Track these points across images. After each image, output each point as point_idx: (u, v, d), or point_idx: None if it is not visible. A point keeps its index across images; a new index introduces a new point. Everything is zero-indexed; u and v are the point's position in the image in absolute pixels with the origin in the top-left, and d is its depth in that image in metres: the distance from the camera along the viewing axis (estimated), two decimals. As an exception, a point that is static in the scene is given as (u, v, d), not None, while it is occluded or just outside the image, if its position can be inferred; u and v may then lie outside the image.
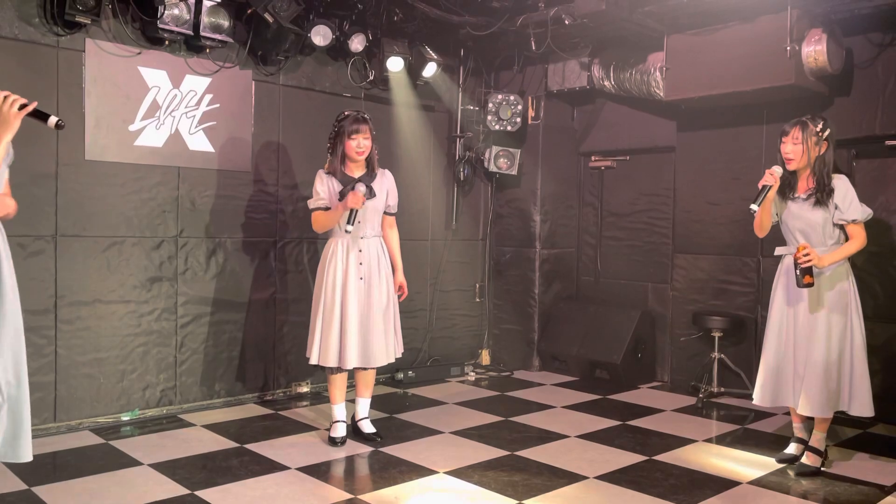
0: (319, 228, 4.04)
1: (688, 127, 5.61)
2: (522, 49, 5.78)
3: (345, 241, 4.01)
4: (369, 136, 3.99)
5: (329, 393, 4.22)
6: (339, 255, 4.01)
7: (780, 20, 4.53)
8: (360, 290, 3.99)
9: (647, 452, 4.03)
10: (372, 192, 4.00)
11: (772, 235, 4.05)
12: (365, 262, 4.02)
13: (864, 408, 3.65)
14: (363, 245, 4.04)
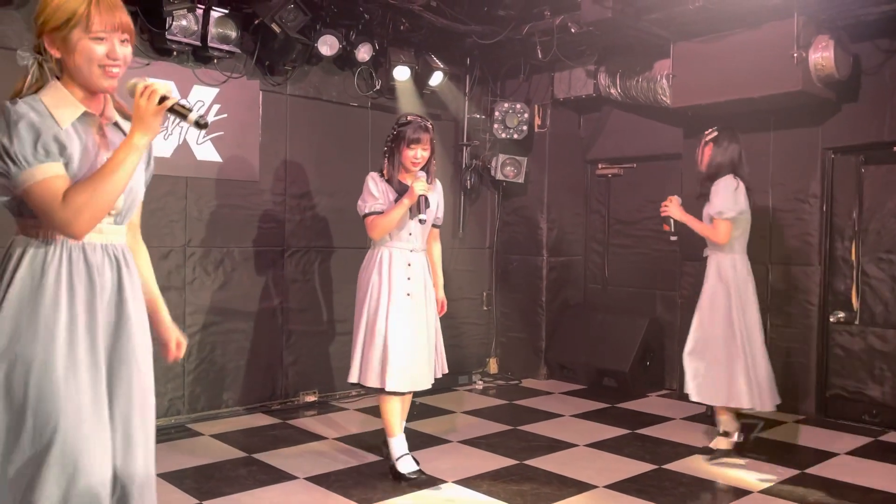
0: (379, 233, 3.66)
1: (695, 134, 5.58)
2: (529, 57, 5.79)
3: (392, 252, 3.70)
4: (429, 146, 3.70)
5: (386, 422, 3.74)
6: (385, 267, 3.68)
7: (786, 27, 4.52)
8: (404, 307, 3.65)
9: (656, 461, 4.01)
10: (427, 203, 3.66)
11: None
12: (413, 276, 3.69)
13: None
14: (413, 259, 3.72)
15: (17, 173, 1.74)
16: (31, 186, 1.74)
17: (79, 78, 1.83)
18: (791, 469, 3.90)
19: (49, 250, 1.80)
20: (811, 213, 5.03)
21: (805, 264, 5.04)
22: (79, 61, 1.81)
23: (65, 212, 1.74)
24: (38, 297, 1.77)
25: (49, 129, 1.77)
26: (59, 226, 1.77)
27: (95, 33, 1.80)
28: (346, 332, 5.45)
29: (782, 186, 5.15)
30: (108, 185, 1.78)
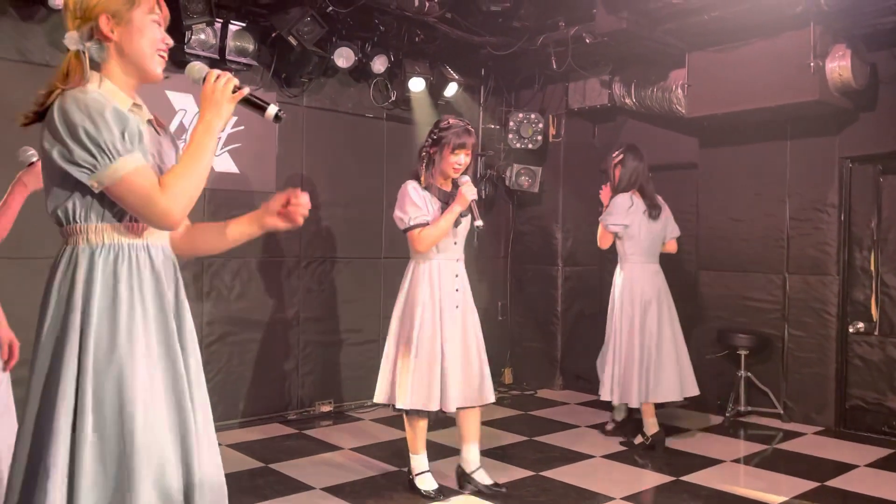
0: (428, 245, 3.45)
1: (710, 143, 5.58)
2: (543, 68, 5.81)
3: (441, 264, 3.50)
4: (471, 151, 3.52)
5: (410, 441, 3.63)
6: (436, 281, 3.48)
7: (802, 36, 4.51)
8: (455, 320, 3.49)
9: (673, 473, 3.98)
10: (470, 208, 3.53)
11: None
12: (461, 288, 3.55)
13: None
14: (459, 269, 3.57)
15: (105, 165, 1.64)
16: (124, 177, 1.65)
17: (135, 62, 1.78)
18: (810, 481, 3.86)
19: (118, 255, 1.74)
20: (829, 223, 5.00)
21: (823, 274, 5.01)
22: (141, 43, 1.77)
23: (167, 200, 1.69)
24: (116, 304, 1.71)
25: (130, 117, 1.71)
26: (158, 215, 1.70)
27: (156, 16, 1.80)
28: (362, 341, 5.49)
29: (799, 196, 5.13)
30: (201, 169, 1.75)
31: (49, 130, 1.68)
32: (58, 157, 1.66)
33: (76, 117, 1.64)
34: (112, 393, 1.68)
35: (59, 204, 1.73)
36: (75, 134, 1.64)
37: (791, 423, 5.02)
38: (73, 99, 1.67)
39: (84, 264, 1.71)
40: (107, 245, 1.73)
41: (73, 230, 1.74)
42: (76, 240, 1.73)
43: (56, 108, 1.67)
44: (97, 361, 1.68)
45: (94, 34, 1.75)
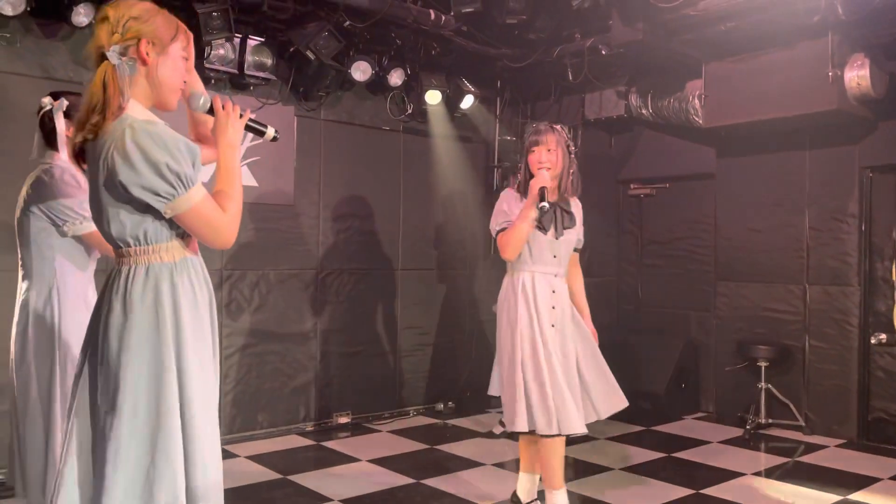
0: (510, 250, 3.21)
1: (728, 153, 5.56)
2: (559, 79, 5.81)
3: (535, 277, 3.24)
4: (556, 147, 3.23)
5: (522, 459, 3.46)
6: (530, 294, 3.22)
7: (820, 46, 4.49)
8: (553, 339, 3.21)
9: (694, 486, 3.95)
10: (572, 220, 3.30)
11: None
12: (558, 305, 3.26)
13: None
14: (557, 285, 3.27)
15: (181, 194, 1.78)
16: (196, 205, 1.81)
17: (158, 91, 1.89)
18: (833, 494, 3.82)
19: (190, 269, 1.89)
20: (849, 233, 4.96)
21: (844, 285, 4.96)
22: (169, 75, 1.89)
23: (230, 222, 1.88)
24: (199, 312, 1.88)
25: (196, 148, 1.86)
26: (224, 237, 1.89)
27: (184, 54, 1.92)
28: (379, 353, 5.51)
29: (819, 206, 5.09)
30: (239, 188, 1.94)
31: (124, 162, 1.75)
32: (136, 189, 1.77)
33: (157, 154, 1.76)
34: (199, 395, 1.85)
35: (130, 227, 1.83)
36: (158, 169, 1.76)
37: (813, 436, 4.97)
38: (146, 133, 1.77)
39: (166, 280, 1.85)
40: (178, 262, 1.88)
41: (144, 250, 1.85)
42: (149, 259, 1.85)
43: (131, 142, 1.75)
44: (194, 366, 1.85)
45: (128, 53, 1.84)
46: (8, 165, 4.00)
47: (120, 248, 1.87)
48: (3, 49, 3.97)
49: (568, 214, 3.28)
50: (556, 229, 3.25)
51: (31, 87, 4.05)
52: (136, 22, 1.83)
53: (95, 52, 1.87)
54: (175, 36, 1.89)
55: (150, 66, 1.86)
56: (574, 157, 3.32)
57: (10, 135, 4.00)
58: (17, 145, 4.01)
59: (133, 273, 1.84)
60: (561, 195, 3.29)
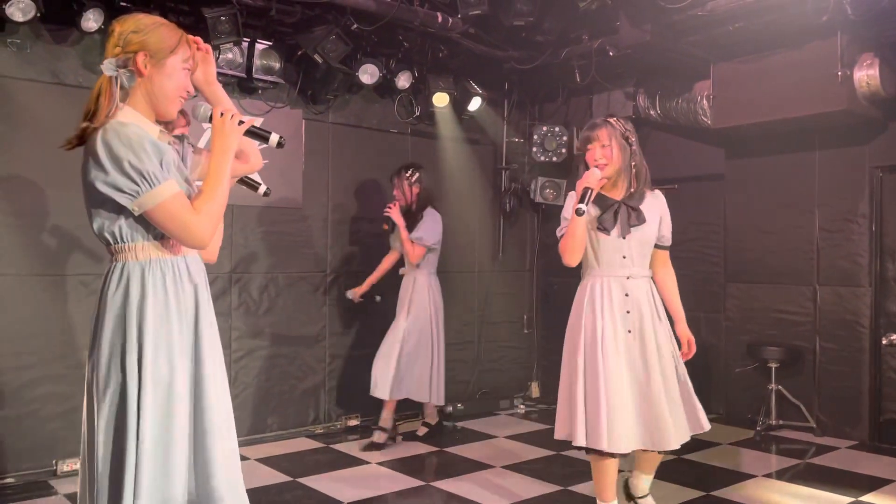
0: (568, 256, 3.06)
1: (737, 154, 5.54)
2: (567, 81, 5.81)
3: (605, 281, 3.05)
4: (609, 142, 3.03)
5: (595, 484, 3.15)
6: (599, 300, 3.04)
7: (829, 46, 4.47)
8: (629, 346, 3.00)
9: (704, 488, 3.93)
10: (640, 217, 3.05)
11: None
12: (634, 308, 3.03)
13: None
14: (630, 287, 3.05)
15: (146, 191, 1.83)
16: (163, 203, 1.84)
17: (156, 101, 1.95)
18: (844, 496, 3.79)
19: (164, 270, 1.92)
20: (860, 234, 4.93)
21: (855, 286, 4.93)
22: (167, 86, 1.95)
23: (201, 221, 1.90)
24: (168, 316, 1.90)
25: (166, 148, 1.91)
26: (194, 235, 1.91)
27: (186, 65, 1.98)
28: (388, 356, 5.49)
29: (829, 207, 5.06)
30: (222, 192, 1.97)
31: (94, 161, 1.84)
32: (102, 185, 1.83)
33: (120, 151, 1.81)
34: (163, 401, 1.87)
35: (107, 226, 1.90)
36: (120, 165, 1.81)
37: (824, 437, 4.94)
38: (114, 133, 1.83)
39: (136, 279, 1.89)
40: (153, 261, 1.91)
41: (121, 248, 1.91)
42: (125, 256, 1.91)
43: (100, 141, 1.83)
44: (154, 372, 1.86)
45: (128, 65, 1.91)
46: (20, 169, 4.03)
47: (107, 246, 1.95)
48: (13, 55, 4.00)
49: (635, 211, 3.02)
50: (620, 228, 3.02)
51: (41, 93, 4.09)
52: (136, 35, 1.91)
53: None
54: (175, 48, 1.94)
55: (147, 78, 1.92)
56: (635, 147, 3.08)
57: (21, 140, 4.03)
58: (29, 150, 4.05)
59: (111, 270, 1.92)
60: (627, 191, 3.07)
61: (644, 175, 3.09)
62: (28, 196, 4.06)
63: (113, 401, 1.85)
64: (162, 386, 1.87)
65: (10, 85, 3.99)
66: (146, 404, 1.83)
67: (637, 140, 3.12)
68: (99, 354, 1.88)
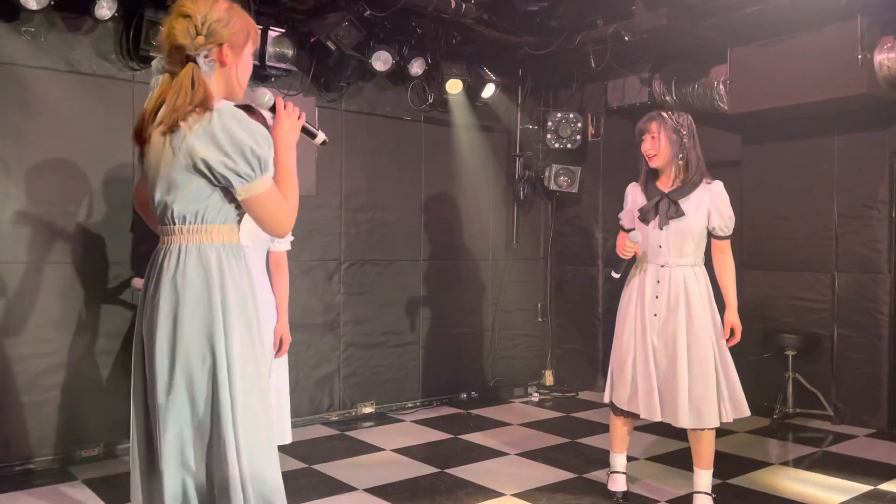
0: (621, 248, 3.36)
1: (754, 140, 5.48)
2: (581, 67, 5.76)
3: (643, 269, 3.34)
4: (657, 133, 3.22)
5: (609, 436, 3.61)
6: (634, 286, 3.36)
7: (849, 29, 4.40)
8: (653, 328, 3.27)
9: (720, 476, 3.90)
10: (678, 211, 3.22)
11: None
12: (663, 294, 3.25)
13: None
14: (663, 274, 3.26)
15: (257, 178, 1.87)
16: (268, 191, 1.90)
17: (230, 89, 1.97)
18: (863, 484, 3.76)
19: (237, 253, 1.96)
20: (879, 220, 4.86)
21: (874, 272, 4.87)
22: (243, 74, 1.98)
23: (291, 212, 1.98)
24: (244, 299, 1.94)
25: (270, 137, 1.94)
26: (285, 224, 1.98)
27: (254, 52, 2.03)
28: (402, 343, 5.51)
29: (848, 192, 5.00)
30: (297, 185, 2.02)
31: (214, 144, 1.84)
32: (220, 166, 1.84)
33: (243, 136, 1.85)
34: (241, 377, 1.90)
35: (191, 205, 1.89)
36: (242, 150, 1.85)
37: (842, 426, 4.90)
38: (235, 119, 1.87)
39: (214, 261, 1.91)
40: (227, 245, 1.94)
41: (197, 229, 1.91)
42: (200, 238, 1.91)
43: (217, 124, 1.85)
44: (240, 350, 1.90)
45: (211, 55, 1.92)
46: (34, 158, 4.05)
47: (173, 225, 1.91)
48: (28, 43, 4.01)
49: (675, 205, 3.20)
50: (658, 220, 3.23)
51: (55, 81, 4.10)
52: (219, 25, 1.90)
53: (171, 46, 1.90)
54: (248, 37, 1.97)
55: (228, 68, 1.94)
56: (686, 140, 3.24)
57: (35, 128, 4.04)
58: (42, 138, 4.07)
59: (183, 251, 1.90)
60: (674, 182, 3.26)
61: (694, 168, 3.24)
62: (44, 184, 4.08)
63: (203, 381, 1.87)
64: (252, 365, 1.91)
65: (24, 73, 4.01)
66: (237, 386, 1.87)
67: (691, 134, 3.27)
68: (179, 337, 1.87)
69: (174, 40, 1.89)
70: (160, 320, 1.88)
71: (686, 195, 3.22)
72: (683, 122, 3.27)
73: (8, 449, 3.93)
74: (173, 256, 1.90)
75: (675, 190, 3.25)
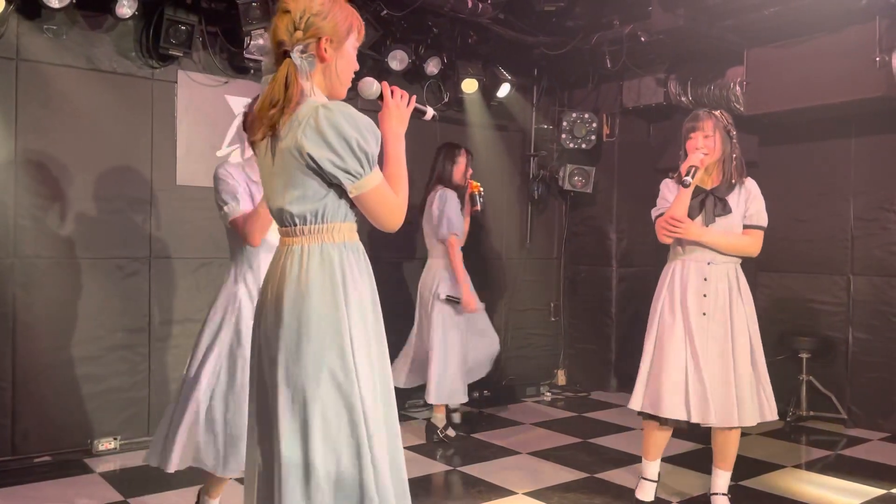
0: (661, 234, 3.28)
1: (770, 142, 5.46)
2: (597, 67, 5.76)
3: (685, 264, 3.24)
4: (711, 132, 3.18)
5: (643, 445, 3.40)
6: (678, 282, 3.23)
7: (867, 30, 4.37)
8: (701, 327, 3.15)
9: (733, 477, 3.87)
10: (725, 208, 3.22)
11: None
12: (711, 292, 3.17)
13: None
14: (710, 272, 3.20)
15: (367, 173, 1.82)
16: (379, 186, 1.85)
17: (333, 85, 1.92)
18: (876, 488, 3.75)
19: (358, 252, 1.94)
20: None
21: (890, 276, 4.84)
22: (345, 69, 1.92)
23: (402, 205, 1.91)
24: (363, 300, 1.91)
25: (379, 132, 1.88)
26: (397, 219, 1.91)
27: (358, 45, 1.95)
28: (405, 342, 5.52)
29: (865, 195, 4.97)
30: (406, 176, 1.95)
31: (321, 139, 1.78)
32: (328, 164, 1.79)
33: (350, 132, 1.78)
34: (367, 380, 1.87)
35: (309, 205, 1.85)
36: (350, 146, 1.79)
37: (855, 429, 4.88)
38: (342, 113, 1.79)
39: (337, 261, 1.87)
40: (347, 244, 1.90)
41: (318, 229, 1.87)
42: (322, 238, 1.87)
43: (324, 120, 1.78)
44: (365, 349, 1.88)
45: (310, 49, 1.86)
46: (56, 155, 4.11)
47: (294, 227, 1.88)
48: (49, 41, 4.06)
49: (721, 202, 3.20)
50: (704, 216, 3.20)
51: (76, 79, 4.15)
52: (317, 18, 1.84)
53: (275, 45, 1.88)
54: (350, 30, 1.90)
55: (329, 63, 1.88)
56: (736, 142, 3.25)
57: (57, 125, 4.10)
58: (63, 135, 4.12)
59: (306, 252, 1.86)
60: (723, 181, 3.24)
61: (741, 168, 3.26)
62: (64, 180, 4.13)
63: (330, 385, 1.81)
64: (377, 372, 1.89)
65: (46, 70, 4.06)
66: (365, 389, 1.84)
67: (736, 135, 3.26)
68: (304, 338, 1.81)
69: (276, 37, 1.85)
70: (284, 323, 1.83)
71: (729, 193, 3.23)
72: (731, 121, 3.28)
73: (27, 441, 4.00)
74: (295, 257, 1.86)
75: (719, 188, 3.24)
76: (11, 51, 3.96)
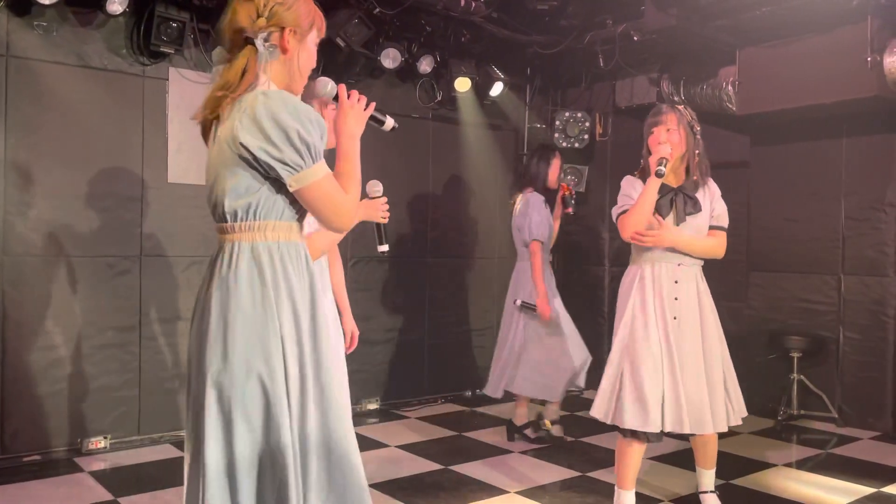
0: (626, 232, 3.05)
1: (762, 142, 5.47)
2: (590, 66, 5.76)
3: (655, 267, 3.08)
4: (675, 126, 3.05)
5: (617, 468, 3.17)
6: (649, 285, 3.07)
7: (859, 31, 4.39)
8: (674, 332, 3.02)
9: (724, 476, 3.91)
10: (696, 206, 3.10)
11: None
12: (682, 296, 3.05)
13: None
14: (680, 274, 3.07)
15: (308, 166, 1.73)
16: (322, 180, 1.76)
17: (292, 78, 1.87)
18: (866, 487, 3.76)
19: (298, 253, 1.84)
20: (887, 223, 4.85)
21: (881, 275, 4.86)
22: (305, 62, 1.89)
23: (349, 204, 1.82)
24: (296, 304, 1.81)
25: (324, 124, 1.80)
26: (343, 218, 1.83)
27: (318, 40, 1.92)
28: (407, 340, 5.53)
29: (856, 195, 4.99)
30: (360, 175, 1.90)
31: (256, 128, 1.71)
32: (263, 154, 1.71)
33: (288, 120, 1.71)
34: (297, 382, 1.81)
35: (245, 199, 1.77)
36: (288, 135, 1.71)
37: (846, 428, 4.90)
38: (281, 101, 1.73)
39: (267, 262, 1.78)
40: (282, 244, 1.81)
41: (249, 226, 1.78)
42: (253, 236, 1.79)
43: (261, 107, 1.72)
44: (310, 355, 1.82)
45: (272, 39, 1.82)
46: (46, 152, 4.08)
47: (225, 223, 1.81)
48: (40, 37, 4.04)
49: (691, 199, 3.07)
50: (675, 215, 3.05)
51: (67, 76, 4.13)
52: (281, 8, 1.81)
53: (232, 31, 1.83)
54: (312, 24, 1.88)
55: (290, 54, 1.85)
56: (699, 138, 3.13)
57: (47, 122, 4.07)
58: (53, 132, 4.10)
59: (235, 252, 1.79)
60: (688, 178, 3.11)
61: (705, 166, 3.15)
62: (54, 177, 4.11)
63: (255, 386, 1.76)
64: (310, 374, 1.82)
65: (36, 67, 4.03)
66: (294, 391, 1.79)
67: (700, 131, 3.15)
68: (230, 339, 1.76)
69: (235, 24, 1.81)
70: (211, 323, 1.78)
71: (696, 191, 3.12)
72: (695, 117, 3.16)
73: (16, 440, 3.97)
74: (226, 256, 1.79)
75: (686, 185, 3.11)
76: (1, 47, 3.94)
